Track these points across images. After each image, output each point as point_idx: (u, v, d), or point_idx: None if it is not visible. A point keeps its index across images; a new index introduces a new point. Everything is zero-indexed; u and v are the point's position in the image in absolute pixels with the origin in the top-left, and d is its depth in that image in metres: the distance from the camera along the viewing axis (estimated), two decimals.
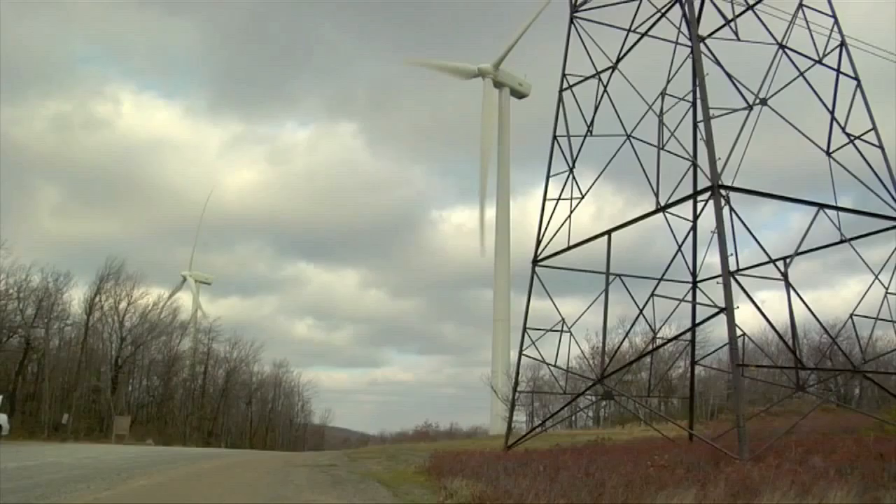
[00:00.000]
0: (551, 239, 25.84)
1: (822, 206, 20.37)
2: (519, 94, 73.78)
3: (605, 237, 22.98)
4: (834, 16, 23.76)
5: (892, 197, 21.48)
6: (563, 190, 26.34)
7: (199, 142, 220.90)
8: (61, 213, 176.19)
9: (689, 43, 22.12)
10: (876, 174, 21.83)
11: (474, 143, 71.19)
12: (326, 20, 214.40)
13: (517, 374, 28.80)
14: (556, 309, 25.41)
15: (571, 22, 27.33)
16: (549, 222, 26.26)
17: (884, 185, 21.68)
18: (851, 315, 21.71)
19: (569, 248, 24.96)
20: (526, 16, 68.67)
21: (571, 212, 25.58)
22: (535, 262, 26.21)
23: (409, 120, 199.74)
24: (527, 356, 26.68)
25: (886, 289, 20.92)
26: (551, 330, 25.45)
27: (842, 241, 21.29)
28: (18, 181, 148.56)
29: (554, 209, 26.24)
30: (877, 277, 21.10)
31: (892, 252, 21.12)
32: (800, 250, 20.38)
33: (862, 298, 21.60)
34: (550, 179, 27.21)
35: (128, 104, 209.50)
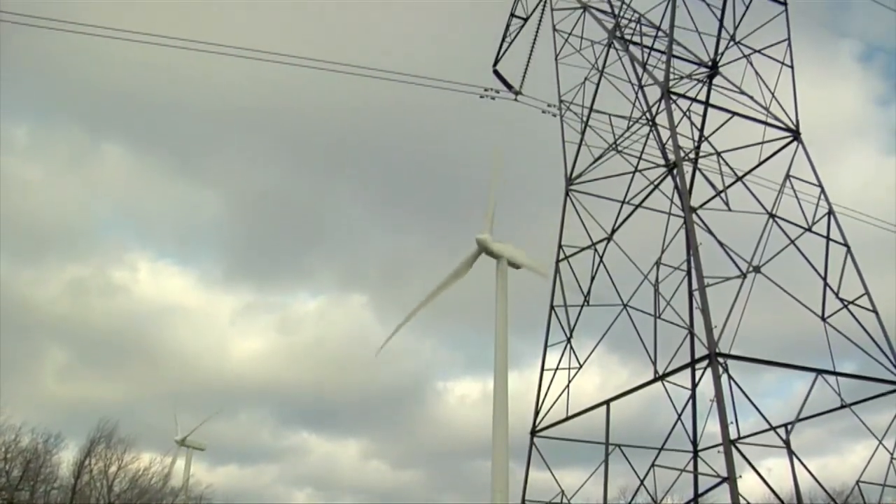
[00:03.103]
0: (549, 409, 25.59)
1: (820, 371, 20.33)
2: (516, 264, 74.73)
3: (605, 407, 22.83)
4: (820, 185, 24.33)
5: (891, 361, 21.41)
6: (560, 360, 26.34)
7: (211, 309, 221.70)
8: (66, 375, 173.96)
9: (682, 213, 22.71)
10: (872, 339, 21.83)
11: (479, 314, 71.14)
12: (344, 194, 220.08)
13: None
14: (556, 480, 24.90)
15: (567, 195, 28.14)
16: (547, 392, 26.09)
17: (881, 350, 21.66)
18: (858, 482, 21.20)
19: (567, 418, 24.72)
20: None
21: (570, 381, 25.51)
22: (534, 432, 25.85)
23: (419, 292, 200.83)
24: None
25: (892, 454, 20.55)
26: (550, 502, 24.82)
27: (843, 407, 21.06)
28: (26, 342, 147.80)
29: (552, 379, 26.13)
30: (881, 443, 20.76)
31: (895, 417, 20.88)
32: (801, 416, 20.15)
33: (867, 465, 21.13)
34: (549, 349, 27.22)
35: (144, 271, 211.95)
